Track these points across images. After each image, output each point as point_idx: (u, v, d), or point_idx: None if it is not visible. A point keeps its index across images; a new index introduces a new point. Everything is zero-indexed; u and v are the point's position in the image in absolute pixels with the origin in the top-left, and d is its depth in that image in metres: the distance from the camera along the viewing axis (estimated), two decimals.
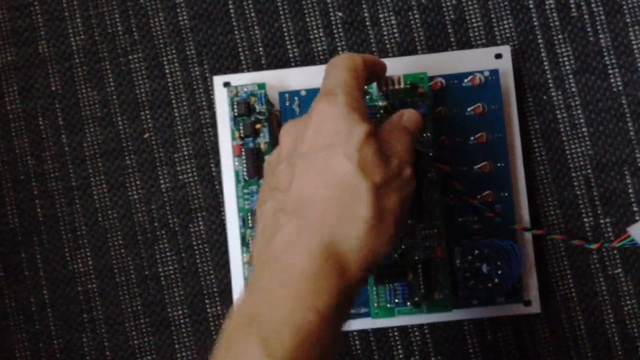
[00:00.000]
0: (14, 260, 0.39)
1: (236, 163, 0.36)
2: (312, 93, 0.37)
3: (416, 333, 0.38)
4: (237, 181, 0.36)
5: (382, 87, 0.35)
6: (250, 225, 0.36)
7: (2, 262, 0.39)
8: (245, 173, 0.36)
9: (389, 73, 0.35)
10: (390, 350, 0.38)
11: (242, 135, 0.36)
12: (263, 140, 0.36)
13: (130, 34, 0.40)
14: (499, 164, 0.36)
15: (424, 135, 0.36)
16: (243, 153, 0.36)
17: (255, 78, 0.38)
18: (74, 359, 0.39)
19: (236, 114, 0.36)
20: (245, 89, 0.36)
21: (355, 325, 0.37)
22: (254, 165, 0.36)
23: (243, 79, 0.38)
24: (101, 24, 0.40)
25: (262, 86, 0.36)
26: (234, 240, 0.37)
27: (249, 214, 0.36)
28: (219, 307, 0.39)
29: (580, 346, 0.38)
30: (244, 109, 0.36)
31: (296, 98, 0.37)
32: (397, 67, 0.37)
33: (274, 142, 0.36)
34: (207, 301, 0.39)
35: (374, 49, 0.39)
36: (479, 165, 0.36)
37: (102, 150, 0.40)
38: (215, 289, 0.39)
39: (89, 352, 0.39)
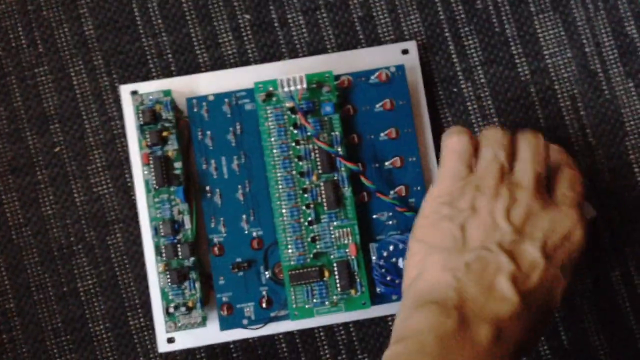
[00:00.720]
0: None
1: (145, 172, 0.36)
2: (221, 98, 0.37)
3: (342, 332, 0.38)
4: (147, 190, 0.36)
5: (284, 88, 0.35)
6: (162, 233, 0.35)
7: None
8: (154, 182, 0.35)
9: (294, 74, 0.35)
10: (317, 351, 0.38)
11: (149, 143, 0.35)
12: (171, 147, 0.36)
13: (34, 47, 0.39)
14: (410, 159, 0.37)
15: (332, 133, 0.36)
16: (151, 162, 0.35)
17: (164, 85, 0.37)
18: None
19: (142, 123, 0.36)
20: (151, 97, 0.36)
21: (278, 328, 0.37)
22: (162, 174, 0.35)
23: (151, 87, 0.37)
24: (4, 38, 0.39)
25: (167, 93, 0.36)
26: (149, 250, 0.37)
27: (160, 222, 0.36)
28: (141, 320, 0.38)
29: None
30: (150, 116, 0.35)
31: (204, 104, 0.37)
32: (305, 67, 0.37)
33: (183, 150, 0.36)
34: (129, 314, 0.38)
35: (283, 50, 0.39)
36: (390, 161, 0.37)
37: (12, 167, 0.39)
38: (137, 301, 0.38)
39: None
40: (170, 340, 0.37)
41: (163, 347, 0.37)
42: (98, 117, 0.39)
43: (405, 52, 0.38)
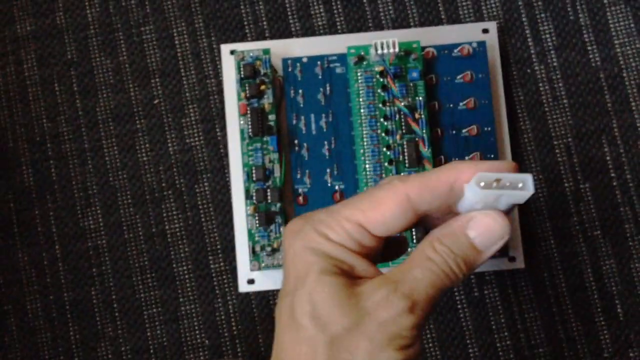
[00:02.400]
0: (28, 216, 0.41)
1: (241, 122, 0.39)
2: (313, 60, 0.40)
3: None
4: (242, 138, 0.39)
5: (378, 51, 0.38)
6: (254, 179, 0.38)
7: (17, 219, 0.41)
8: (250, 131, 0.38)
9: (385, 38, 0.38)
10: None
11: (247, 95, 0.38)
12: (267, 101, 0.39)
13: (142, 7, 0.43)
14: (485, 129, 0.39)
15: (416, 98, 0.38)
16: (248, 112, 0.38)
17: (260, 46, 0.40)
18: (83, 310, 0.41)
19: (242, 76, 0.39)
20: (251, 54, 0.39)
21: None
22: (258, 123, 0.38)
23: (248, 47, 0.40)
24: None
25: (267, 51, 0.39)
26: (237, 195, 0.40)
27: (253, 168, 0.38)
28: (222, 264, 0.41)
29: (561, 302, 0.41)
30: (250, 71, 0.38)
31: (298, 64, 0.40)
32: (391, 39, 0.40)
33: (276, 104, 0.39)
34: (210, 257, 0.41)
35: (370, 24, 0.42)
36: (467, 129, 0.39)
37: (114, 115, 0.42)
38: (218, 246, 0.41)
39: (98, 304, 0.41)
40: (250, 282, 0.39)
41: (244, 287, 0.39)
42: (195, 74, 0.42)
43: (485, 31, 0.41)
